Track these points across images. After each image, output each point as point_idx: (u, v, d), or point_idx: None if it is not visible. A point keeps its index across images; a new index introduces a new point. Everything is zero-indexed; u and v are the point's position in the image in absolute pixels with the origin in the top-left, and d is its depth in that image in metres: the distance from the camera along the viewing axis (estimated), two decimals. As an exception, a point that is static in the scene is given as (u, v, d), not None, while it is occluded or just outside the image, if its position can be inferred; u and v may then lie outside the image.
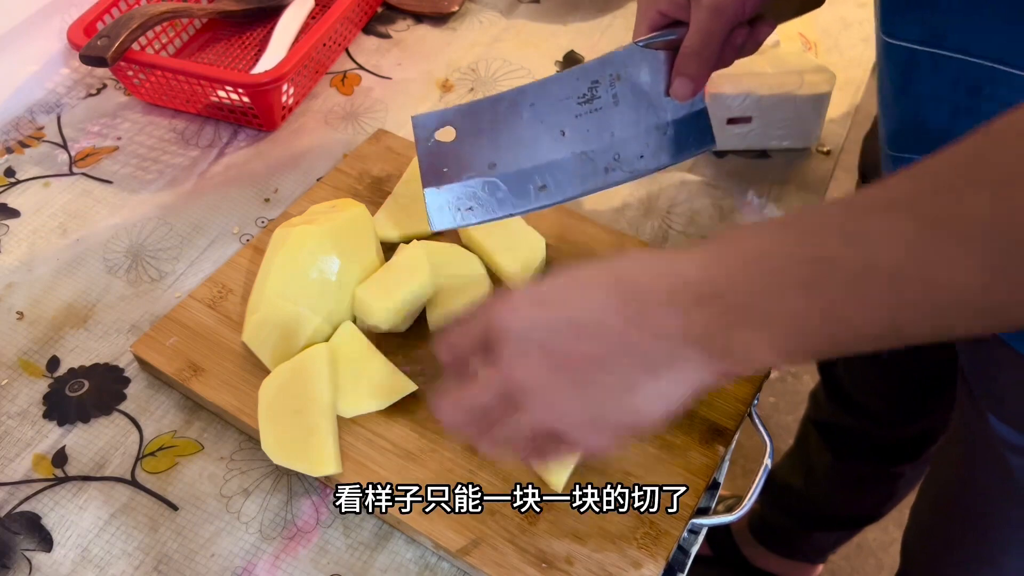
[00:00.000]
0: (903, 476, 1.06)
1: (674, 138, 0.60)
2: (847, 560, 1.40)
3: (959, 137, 0.45)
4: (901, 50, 0.50)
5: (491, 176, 0.57)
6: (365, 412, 0.58)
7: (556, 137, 0.57)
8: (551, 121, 0.57)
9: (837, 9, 0.93)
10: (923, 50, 0.49)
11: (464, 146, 0.56)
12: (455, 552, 0.52)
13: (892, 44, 0.51)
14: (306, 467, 0.54)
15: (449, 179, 0.57)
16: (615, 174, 0.59)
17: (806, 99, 0.75)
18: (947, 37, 0.47)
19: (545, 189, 0.58)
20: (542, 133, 0.57)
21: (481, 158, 0.57)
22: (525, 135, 0.57)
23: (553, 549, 0.52)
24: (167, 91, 0.81)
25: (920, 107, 0.52)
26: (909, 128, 0.54)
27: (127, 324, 0.66)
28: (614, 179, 0.59)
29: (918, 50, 0.49)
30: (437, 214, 0.57)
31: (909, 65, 0.50)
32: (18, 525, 0.55)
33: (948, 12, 0.47)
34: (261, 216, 0.73)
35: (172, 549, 0.54)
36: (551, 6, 0.95)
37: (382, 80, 0.86)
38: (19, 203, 0.75)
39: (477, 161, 0.57)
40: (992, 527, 0.71)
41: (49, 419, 0.60)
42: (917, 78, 0.50)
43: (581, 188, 0.59)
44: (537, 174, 0.58)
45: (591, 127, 0.58)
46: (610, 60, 0.56)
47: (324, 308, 0.61)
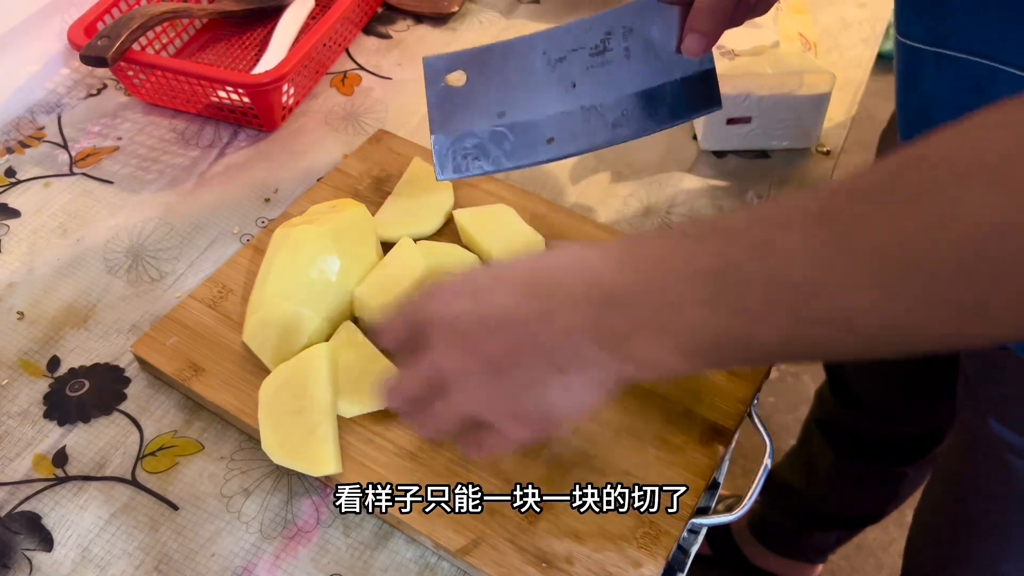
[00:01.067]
0: (906, 476, 1.06)
1: (682, 97, 0.59)
2: (847, 560, 1.40)
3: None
4: (910, 49, 0.51)
5: (500, 125, 0.56)
6: (365, 412, 0.58)
7: (567, 88, 0.56)
8: (562, 72, 0.56)
9: (837, 9, 0.93)
10: (929, 50, 0.50)
11: (474, 92, 0.55)
12: (455, 552, 0.52)
13: (903, 43, 0.52)
14: (306, 467, 0.55)
15: (457, 126, 0.55)
16: (622, 130, 0.58)
17: (806, 99, 0.75)
18: (951, 37, 0.48)
19: (553, 142, 0.57)
20: (553, 83, 0.56)
21: (490, 105, 0.55)
22: (536, 84, 0.56)
23: (553, 549, 0.52)
24: (167, 91, 0.81)
25: (928, 105, 0.53)
26: (919, 126, 0.54)
27: (127, 324, 0.66)
28: (621, 135, 0.59)
29: (924, 49, 0.50)
30: (443, 163, 0.56)
31: (916, 64, 0.51)
32: (18, 525, 0.56)
33: (952, 12, 0.47)
34: (261, 216, 0.73)
35: (172, 549, 0.54)
36: (551, 6, 0.95)
37: (382, 80, 0.86)
38: (19, 203, 0.75)
39: (486, 109, 0.55)
40: (995, 530, 0.71)
41: (49, 419, 0.60)
42: (923, 77, 0.51)
43: (588, 143, 0.58)
44: (546, 125, 0.56)
45: (602, 80, 0.56)
46: (624, 12, 0.55)
47: (324, 308, 0.61)
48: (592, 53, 0.56)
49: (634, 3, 0.55)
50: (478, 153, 0.56)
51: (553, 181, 0.76)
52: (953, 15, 0.47)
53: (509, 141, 0.56)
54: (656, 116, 0.59)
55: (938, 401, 0.92)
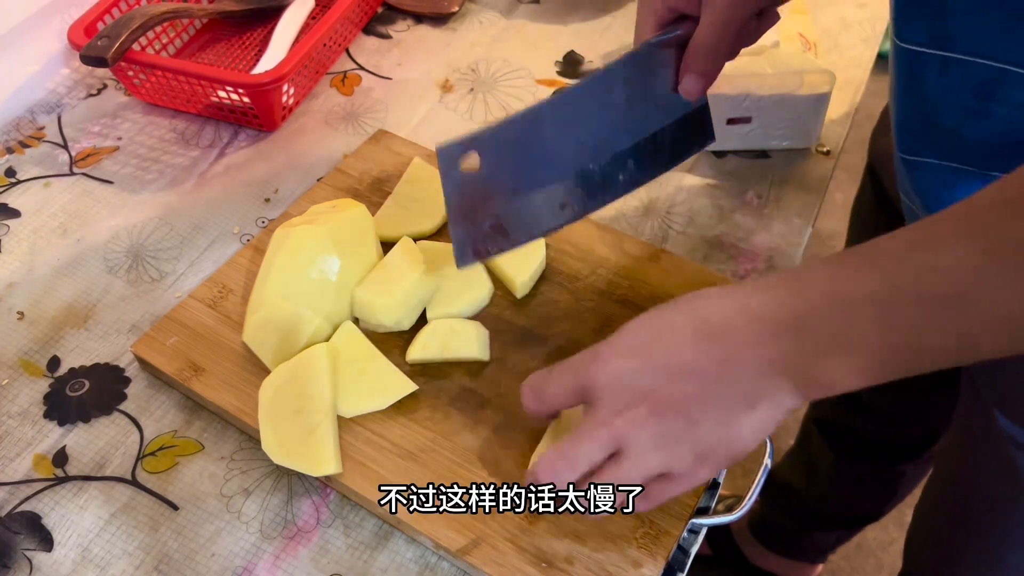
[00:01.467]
0: (905, 475, 1.06)
1: (682, 138, 0.59)
2: (847, 560, 1.40)
3: (969, 139, 0.46)
4: (910, 53, 0.50)
5: (515, 201, 0.55)
6: (365, 412, 0.58)
7: (577, 151, 0.56)
8: (570, 135, 0.55)
9: (837, 9, 0.93)
10: (931, 53, 0.49)
11: (488, 173, 0.54)
12: (455, 552, 0.52)
13: (901, 47, 0.51)
14: (306, 467, 0.55)
15: (475, 213, 0.55)
16: (628, 184, 0.59)
17: (806, 99, 0.75)
18: (955, 40, 0.47)
19: (566, 208, 0.57)
20: (562, 149, 0.56)
21: (505, 183, 0.55)
22: (546, 154, 0.55)
23: (553, 549, 0.52)
24: (167, 91, 0.81)
25: (930, 109, 0.52)
26: (918, 130, 0.54)
27: (127, 324, 0.66)
28: (628, 188, 0.59)
29: (926, 53, 0.49)
30: (463, 251, 0.55)
31: (917, 67, 0.51)
32: (19, 525, 0.56)
33: (956, 15, 0.47)
34: (261, 216, 0.73)
35: (172, 549, 0.54)
36: (551, 6, 0.95)
37: (382, 80, 0.86)
38: (20, 203, 0.75)
39: (501, 187, 0.55)
40: (997, 526, 0.71)
41: (50, 419, 0.61)
42: (925, 80, 0.51)
43: (599, 202, 0.58)
44: (558, 193, 0.56)
45: (608, 137, 0.56)
46: (625, 63, 0.54)
47: (324, 308, 0.61)
48: (598, 109, 0.55)
49: (635, 53, 0.55)
50: (495, 233, 0.56)
51: (553, 181, 0.76)
52: (956, 17, 0.47)
53: (525, 216, 0.56)
54: (660, 160, 0.60)
55: (937, 400, 0.92)
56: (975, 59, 0.47)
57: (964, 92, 0.49)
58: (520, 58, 0.88)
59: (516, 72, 0.87)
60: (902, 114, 0.55)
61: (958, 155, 0.52)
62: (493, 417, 0.58)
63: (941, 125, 0.52)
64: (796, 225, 0.73)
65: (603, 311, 0.63)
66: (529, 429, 0.57)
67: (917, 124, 0.54)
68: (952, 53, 0.48)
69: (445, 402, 0.59)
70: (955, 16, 0.47)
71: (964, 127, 0.50)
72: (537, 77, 0.86)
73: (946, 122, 0.51)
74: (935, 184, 0.55)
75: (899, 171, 0.58)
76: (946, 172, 0.53)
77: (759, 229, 0.72)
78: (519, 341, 0.62)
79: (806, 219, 0.73)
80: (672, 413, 0.43)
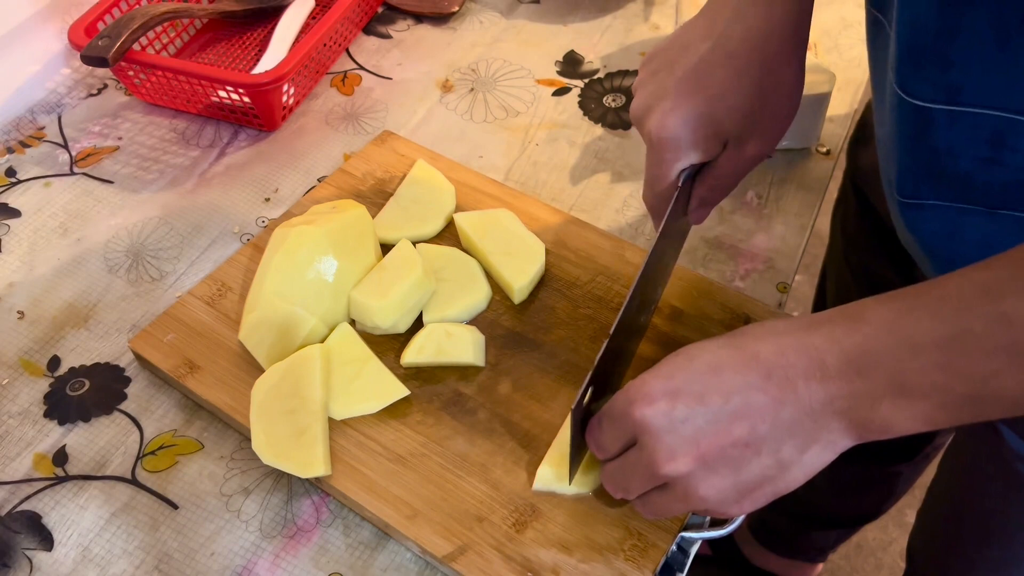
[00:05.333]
0: (901, 475, 1.06)
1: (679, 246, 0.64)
2: (847, 560, 1.40)
3: (980, 182, 0.44)
4: (915, 107, 0.48)
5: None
6: (357, 415, 0.58)
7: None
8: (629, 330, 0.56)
9: (837, 9, 0.93)
10: (937, 108, 0.47)
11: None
12: (441, 558, 0.52)
13: (906, 100, 0.48)
14: (295, 468, 0.54)
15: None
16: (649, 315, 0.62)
17: (806, 99, 0.74)
18: (963, 91, 0.45)
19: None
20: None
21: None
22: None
23: (539, 558, 0.51)
24: (168, 91, 0.81)
25: (937, 160, 0.50)
26: (923, 178, 0.52)
27: (128, 324, 0.66)
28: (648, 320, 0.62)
29: (932, 108, 0.47)
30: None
31: (923, 122, 0.48)
32: (19, 524, 0.56)
33: (963, 68, 0.45)
34: (262, 216, 0.74)
35: (173, 548, 0.54)
36: (551, 6, 0.95)
37: (382, 80, 0.86)
38: (20, 203, 0.75)
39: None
40: (1002, 537, 0.71)
41: (50, 418, 0.61)
42: (932, 133, 0.48)
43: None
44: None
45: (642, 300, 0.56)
46: (661, 235, 0.53)
47: (321, 309, 0.61)
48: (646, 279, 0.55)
49: (666, 223, 0.53)
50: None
51: (553, 181, 0.76)
52: (961, 69, 0.45)
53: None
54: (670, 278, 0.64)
55: None
56: (984, 110, 0.45)
57: (974, 143, 0.47)
58: (520, 58, 0.88)
59: (516, 72, 0.87)
60: (904, 163, 0.52)
61: (967, 197, 0.50)
62: (485, 423, 0.58)
63: (950, 173, 0.49)
64: (796, 225, 0.73)
65: (600, 319, 0.63)
66: (520, 436, 0.57)
67: (922, 172, 0.51)
68: (959, 106, 0.46)
69: (438, 407, 0.59)
70: (962, 69, 0.45)
71: (975, 174, 0.48)
72: (537, 77, 0.86)
73: (956, 170, 0.49)
74: (938, 222, 0.53)
75: (898, 215, 0.56)
76: (953, 212, 0.51)
77: (759, 230, 0.72)
78: (514, 346, 0.62)
79: (806, 219, 0.73)
80: (721, 463, 0.43)
